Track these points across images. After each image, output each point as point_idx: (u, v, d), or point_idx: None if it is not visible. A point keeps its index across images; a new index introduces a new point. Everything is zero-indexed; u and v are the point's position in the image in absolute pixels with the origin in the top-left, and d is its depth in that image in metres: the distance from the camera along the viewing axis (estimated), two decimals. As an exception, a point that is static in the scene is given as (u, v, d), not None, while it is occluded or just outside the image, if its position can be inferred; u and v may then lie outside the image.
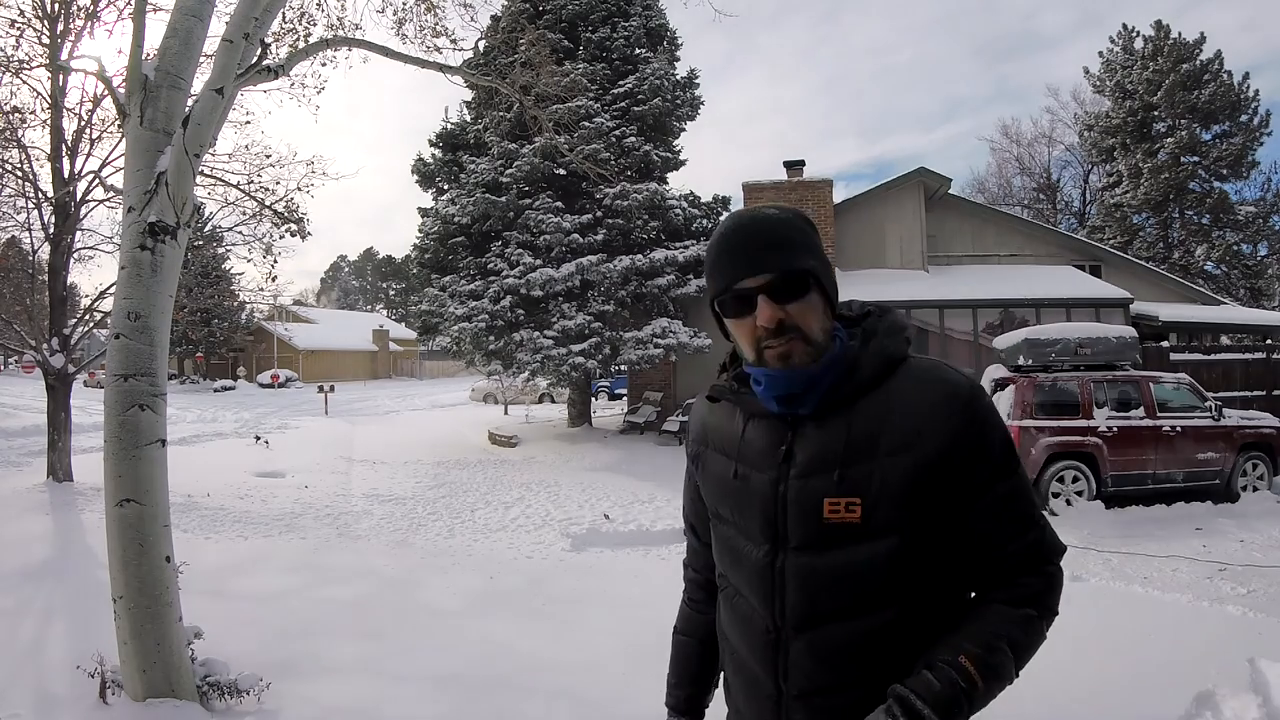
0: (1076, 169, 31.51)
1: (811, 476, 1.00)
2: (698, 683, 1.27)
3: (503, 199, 12.29)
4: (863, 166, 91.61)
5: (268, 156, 8.90)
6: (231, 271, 26.88)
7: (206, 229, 17.82)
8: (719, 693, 1.26)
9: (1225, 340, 14.50)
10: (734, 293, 1.01)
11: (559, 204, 12.55)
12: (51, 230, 8.44)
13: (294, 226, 8.52)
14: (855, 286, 12.51)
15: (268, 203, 8.65)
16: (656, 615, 1.41)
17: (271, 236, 9.36)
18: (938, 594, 1.01)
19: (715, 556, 1.18)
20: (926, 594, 0.99)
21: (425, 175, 14.62)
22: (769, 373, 1.02)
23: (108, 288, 8.63)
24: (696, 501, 1.24)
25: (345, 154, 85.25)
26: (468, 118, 14.59)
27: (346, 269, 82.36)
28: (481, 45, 11.60)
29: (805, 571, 1.00)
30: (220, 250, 15.24)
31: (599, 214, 12.50)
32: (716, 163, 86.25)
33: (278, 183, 8.86)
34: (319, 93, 10.50)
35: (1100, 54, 26.93)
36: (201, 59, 3.62)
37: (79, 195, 8.41)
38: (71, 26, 7.66)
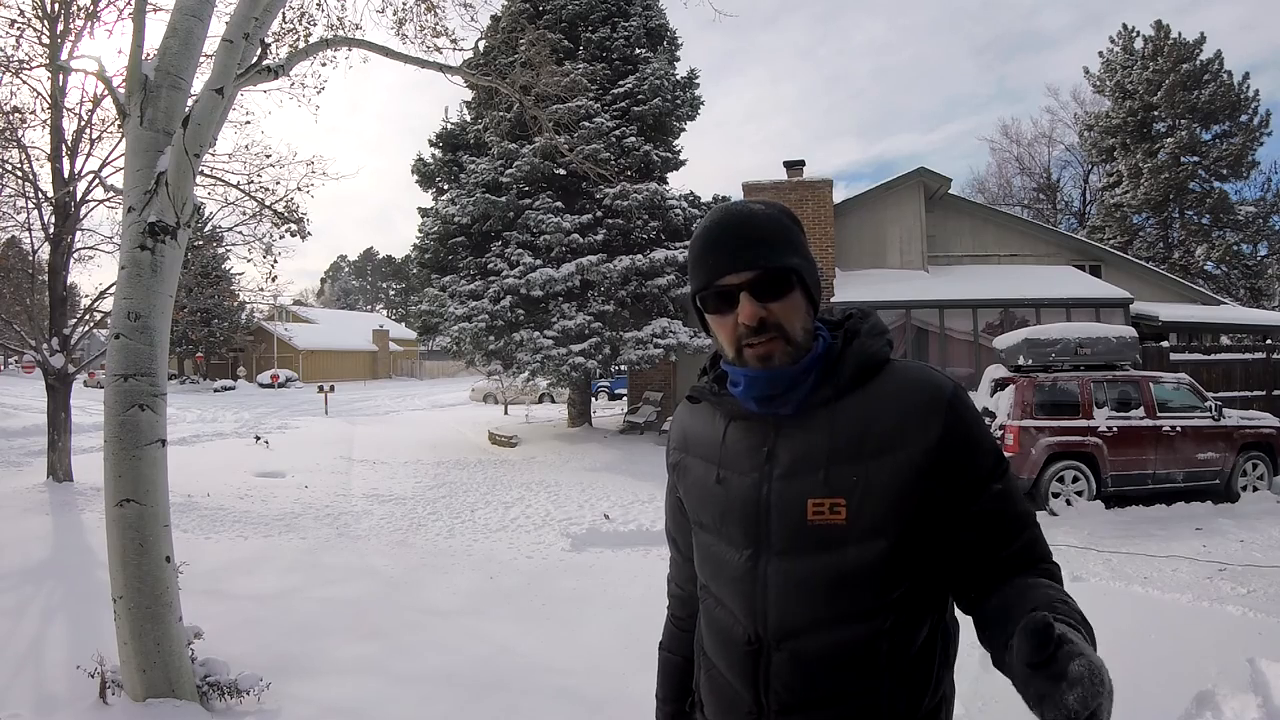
0: (1076, 169, 31.60)
1: (795, 477, 0.97)
2: (686, 698, 1.24)
3: (503, 199, 12.29)
4: (863, 166, 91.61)
5: (268, 156, 8.92)
6: (231, 271, 26.84)
7: (206, 229, 17.76)
8: None
9: (1225, 340, 14.50)
10: (716, 289, 1.00)
11: (559, 204, 12.55)
12: (51, 230, 8.43)
13: (294, 226, 8.53)
14: (855, 286, 12.53)
15: (268, 203, 8.66)
16: (656, 615, 1.40)
17: (271, 236, 9.39)
18: (924, 603, 0.98)
19: (697, 566, 1.14)
20: (913, 603, 0.97)
21: (425, 175, 14.62)
22: (748, 373, 1.00)
23: (108, 288, 8.63)
24: (678, 512, 1.21)
25: (345, 154, 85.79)
26: (468, 118, 14.59)
27: (346, 269, 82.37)
28: (481, 45, 11.61)
29: (788, 577, 0.97)
30: (220, 250, 15.21)
31: (599, 214, 12.51)
32: (717, 163, 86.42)
33: (278, 183, 8.89)
34: (319, 93, 10.56)
35: (1100, 54, 27.00)
36: (201, 59, 3.63)
37: (79, 195, 8.41)
38: (71, 26, 7.65)
